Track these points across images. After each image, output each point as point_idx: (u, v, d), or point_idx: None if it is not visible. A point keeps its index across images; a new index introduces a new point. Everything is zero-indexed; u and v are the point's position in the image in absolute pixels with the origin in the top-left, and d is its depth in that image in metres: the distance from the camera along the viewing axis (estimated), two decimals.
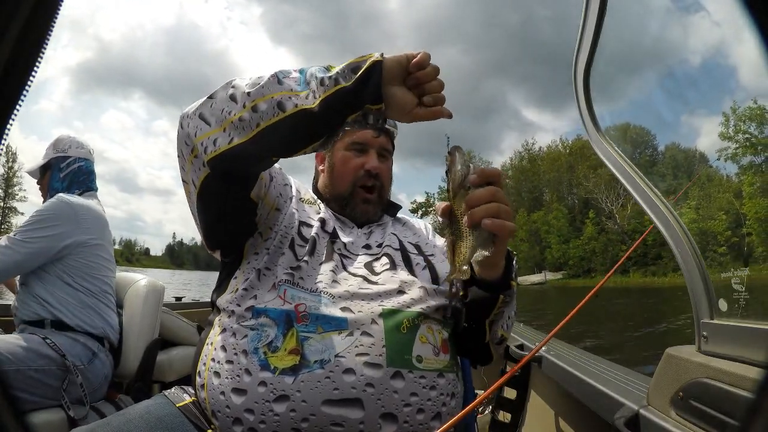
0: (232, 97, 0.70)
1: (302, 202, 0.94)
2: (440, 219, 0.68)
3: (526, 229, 49.50)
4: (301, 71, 0.70)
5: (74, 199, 1.67)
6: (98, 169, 1.95)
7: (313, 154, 1.02)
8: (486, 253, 0.65)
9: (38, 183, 1.79)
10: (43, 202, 1.75)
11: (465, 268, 0.63)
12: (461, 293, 0.79)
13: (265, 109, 0.67)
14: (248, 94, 0.68)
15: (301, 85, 0.68)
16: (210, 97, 0.72)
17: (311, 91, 0.67)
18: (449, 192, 0.66)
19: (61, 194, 1.67)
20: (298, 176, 1.03)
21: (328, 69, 0.68)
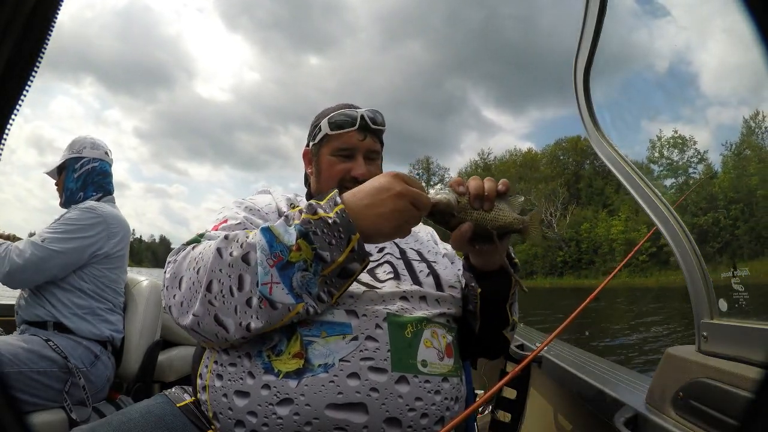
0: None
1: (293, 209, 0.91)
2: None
3: None
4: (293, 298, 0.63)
5: (104, 209, 1.70)
6: (46, 159, 1.94)
7: (301, 153, 1.03)
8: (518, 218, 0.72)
9: (56, 183, 1.82)
10: (60, 202, 1.78)
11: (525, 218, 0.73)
12: (479, 290, 0.81)
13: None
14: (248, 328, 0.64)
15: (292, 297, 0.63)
16: None
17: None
18: (456, 214, 0.71)
19: (92, 202, 1.70)
20: (262, 172, 0.99)
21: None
